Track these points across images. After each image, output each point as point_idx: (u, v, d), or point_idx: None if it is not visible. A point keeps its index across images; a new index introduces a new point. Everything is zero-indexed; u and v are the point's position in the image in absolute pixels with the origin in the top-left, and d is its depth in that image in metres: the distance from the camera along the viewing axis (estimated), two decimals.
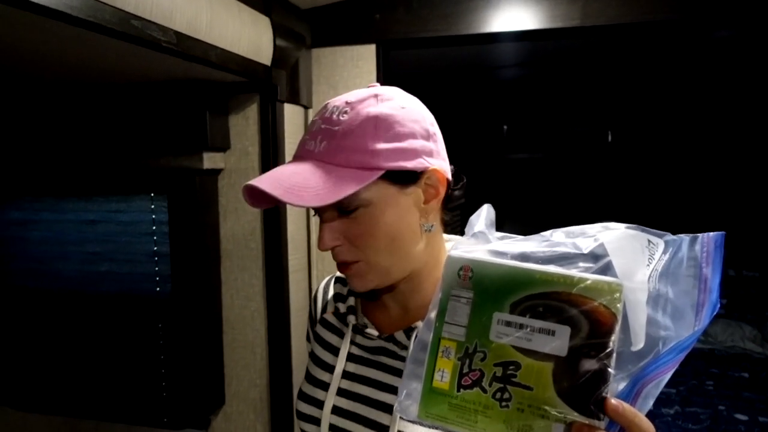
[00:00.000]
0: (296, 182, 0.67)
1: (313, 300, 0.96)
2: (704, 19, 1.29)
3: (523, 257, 0.52)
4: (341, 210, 0.70)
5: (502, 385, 0.48)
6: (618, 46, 2.95)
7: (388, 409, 0.75)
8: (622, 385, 0.46)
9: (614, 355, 0.46)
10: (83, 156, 1.38)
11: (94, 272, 1.41)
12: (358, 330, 0.81)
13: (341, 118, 0.70)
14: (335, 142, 0.69)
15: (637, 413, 0.46)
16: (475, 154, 4.41)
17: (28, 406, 1.49)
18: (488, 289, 0.50)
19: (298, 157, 0.72)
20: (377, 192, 0.69)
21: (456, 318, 0.51)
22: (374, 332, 0.79)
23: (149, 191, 1.34)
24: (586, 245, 0.50)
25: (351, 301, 0.84)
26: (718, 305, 0.48)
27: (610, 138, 4.23)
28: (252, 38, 1.16)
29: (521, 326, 0.48)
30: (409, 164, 0.70)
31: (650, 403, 0.47)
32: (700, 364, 3.53)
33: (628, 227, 0.51)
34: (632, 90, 3.92)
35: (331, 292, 0.91)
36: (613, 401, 0.45)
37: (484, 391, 0.48)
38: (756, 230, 3.84)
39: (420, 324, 0.75)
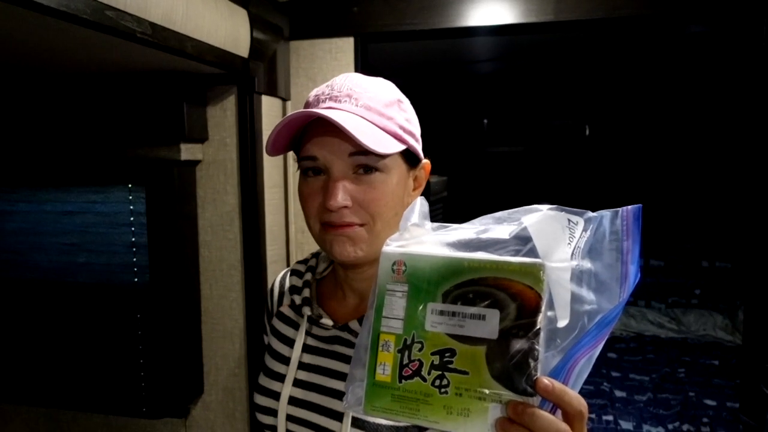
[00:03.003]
0: (360, 126, 0.68)
1: (269, 293, 0.96)
2: (676, 15, 1.33)
3: (455, 246, 0.53)
4: (366, 169, 0.72)
5: (440, 373, 0.49)
6: (595, 41, 2.99)
7: (342, 396, 0.77)
8: (554, 362, 0.48)
9: (541, 333, 0.47)
10: (60, 146, 1.38)
11: (71, 263, 1.41)
12: (314, 321, 0.82)
13: (370, 88, 0.74)
14: (374, 107, 0.72)
15: (567, 390, 0.47)
16: (456, 148, 4.45)
17: (6, 397, 1.48)
18: (421, 280, 0.52)
19: (325, 108, 0.71)
20: (393, 163, 0.74)
21: (393, 312, 0.52)
22: (329, 322, 0.80)
23: (127, 182, 1.34)
24: (511, 230, 0.52)
25: (306, 292, 0.85)
26: (639, 275, 0.50)
27: (587, 132, 4.29)
28: (229, 30, 1.17)
29: (453, 314, 0.50)
30: (419, 149, 0.76)
31: (583, 378, 0.48)
32: (674, 352, 3.63)
33: (549, 208, 0.53)
34: (609, 85, 3.98)
35: (287, 285, 0.92)
36: (544, 379, 0.46)
37: (424, 380, 0.50)
38: (728, 223, 3.93)
39: None
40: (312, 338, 0.83)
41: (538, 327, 0.47)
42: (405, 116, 0.76)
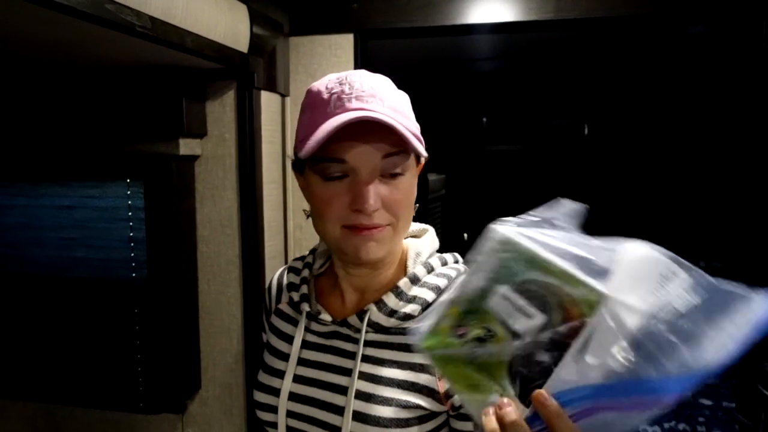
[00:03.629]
0: (403, 130, 0.69)
1: (267, 291, 0.96)
2: (676, 15, 1.33)
3: (555, 250, 0.52)
4: (393, 171, 0.72)
5: (477, 345, 0.53)
6: (594, 41, 2.99)
7: (342, 390, 0.76)
8: (565, 388, 0.47)
9: (567, 357, 0.47)
10: (58, 141, 1.37)
11: (69, 258, 1.41)
12: (312, 317, 0.82)
13: (388, 88, 0.75)
14: (398, 108, 0.73)
15: (562, 415, 0.46)
16: (455, 146, 4.45)
17: (3, 392, 1.48)
18: (508, 265, 0.54)
19: (357, 109, 0.70)
20: (410, 163, 0.75)
21: (477, 281, 0.56)
22: (328, 318, 0.81)
23: (125, 177, 1.34)
24: (607, 256, 0.49)
25: (304, 289, 0.85)
26: (710, 378, 0.44)
27: (586, 131, 4.29)
28: (229, 25, 1.17)
29: (513, 304, 0.52)
30: (424, 149, 0.76)
31: (622, 425, 0.45)
32: None
33: (660, 252, 0.49)
34: (608, 84, 3.98)
35: (284, 282, 0.92)
36: (544, 393, 0.47)
37: (463, 344, 0.54)
38: (725, 222, 3.94)
39: (372, 306, 0.77)
40: (311, 334, 0.83)
41: (565, 349, 0.47)
42: (413, 117, 0.77)
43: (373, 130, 0.68)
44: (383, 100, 0.72)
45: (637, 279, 0.47)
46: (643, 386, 0.45)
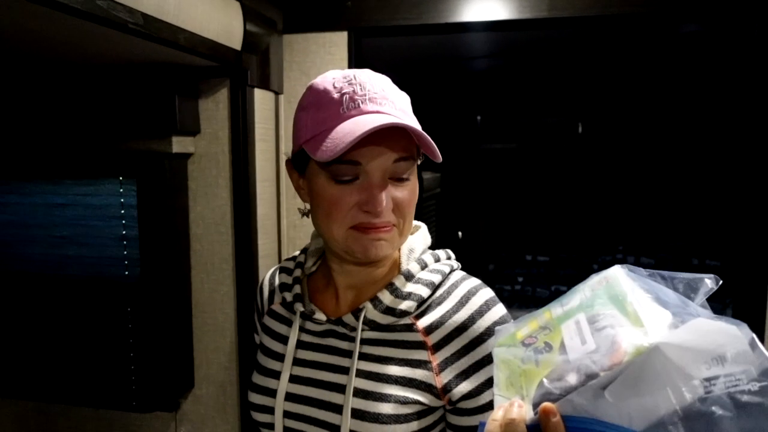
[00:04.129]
0: (424, 136, 0.71)
1: (258, 291, 0.96)
2: (669, 14, 1.33)
3: (644, 297, 0.52)
4: (401, 176, 0.74)
5: (533, 354, 0.55)
6: (589, 39, 3.00)
7: (339, 389, 0.76)
8: (584, 416, 0.47)
9: (589, 388, 0.47)
10: (51, 138, 1.36)
11: (61, 256, 1.40)
12: (306, 317, 0.82)
13: (395, 89, 0.76)
14: (407, 111, 0.75)
15: (562, 430, 0.47)
16: (450, 145, 4.45)
17: None
18: (595, 296, 0.56)
19: (373, 112, 0.71)
20: (415, 167, 0.77)
21: (568, 303, 0.58)
22: (322, 317, 0.80)
23: (118, 175, 1.33)
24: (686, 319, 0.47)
25: (297, 289, 0.85)
26: None
27: (580, 129, 4.30)
28: (222, 22, 1.16)
29: (579, 327, 0.53)
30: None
31: None
32: None
33: (741, 330, 0.45)
34: (602, 83, 3.99)
35: (276, 282, 0.91)
36: (551, 406, 0.48)
37: (526, 351, 0.56)
38: (718, 221, 3.96)
39: (368, 304, 0.77)
40: (306, 334, 0.83)
41: (592, 379, 0.47)
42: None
43: (387, 135, 0.69)
44: (394, 102, 0.73)
45: (692, 344, 0.44)
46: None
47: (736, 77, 3.23)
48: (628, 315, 0.50)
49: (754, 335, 0.45)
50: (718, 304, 3.91)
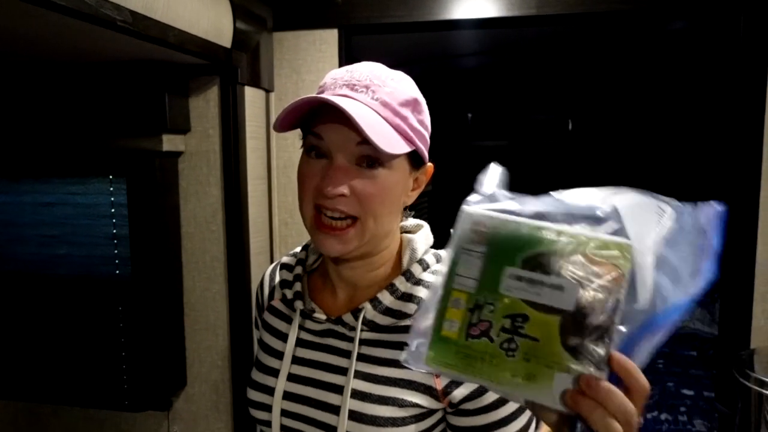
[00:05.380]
0: (373, 122, 0.68)
1: (259, 287, 0.95)
2: (656, 11, 1.35)
3: (537, 216, 0.52)
4: (370, 162, 0.71)
5: (509, 336, 0.49)
6: (578, 37, 3.02)
7: (337, 389, 0.76)
8: (621, 341, 0.48)
9: (620, 312, 0.47)
10: (39, 136, 1.35)
11: (52, 255, 1.39)
12: (306, 315, 0.81)
13: (389, 83, 0.73)
14: (390, 103, 0.72)
15: (637, 369, 0.47)
16: (441, 142, 4.45)
17: None
18: (501, 244, 0.51)
19: (341, 96, 0.70)
20: (398, 161, 0.73)
21: (468, 271, 0.52)
22: (322, 316, 0.80)
23: (108, 173, 1.32)
24: (600, 208, 0.51)
25: (298, 286, 0.84)
26: (714, 274, 0.49)
27: (570, 126, 4.33)
28: (212, 20, 1.16)
29: (532, 281, 0.49)
30: (425, 152, 0.76)
31: (644, 357, 0.49)
32: None
33: (638, 192, 0.52)
34: (592, 80, 4.02)
35: (277, 279, 0.90)
36: (619, 356, 0.47)
37: (492, 340, 0.50)
38: None
39: (367, 304, 0.77)
40: (305, 332, 0.82)
41: (617, 305, 0.47)
42: (419, 117, 0.75)
43: (350, 118, 0.68)
44: (376, 92, 0.71)
45: (642, 223, 0.50)
46: (672, 310, 0.48)
47: (723, 74, 3.26)
48: (566, 241, 0.49)
49: (637, 189, 0.53)
50: (707, 298, 3.96)
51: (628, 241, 0.49)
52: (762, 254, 1.31)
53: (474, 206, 0.55)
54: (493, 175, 0.59)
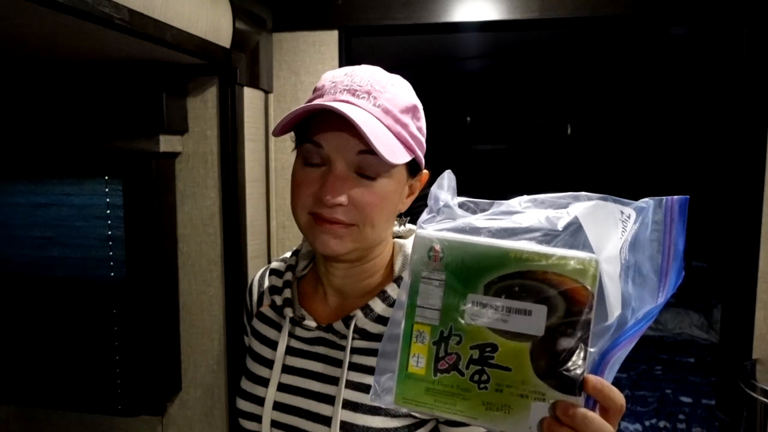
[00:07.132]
0: (377, 132, 0.66)
1: (248, 293, 0.93)
2: (658, 16, 1.34)
3: (496, 233, 0.50)
4: (369, 171, 0.69)
5: (479, 368, 0.47)
6: (578, 41, 3.01)
7: (328, 400, 0.74)
8: (593, 361, 0.46)
9: (591, 332, 0.45)
10: (34, 137, 1.34)
11: (46, 257, 1.37)
12: (296, 322, 0.80)
13: (389, 88, 0.72)
14: (391, 110, 0.70)
15: (612, 388, 0.46)
16: (440, 145, 4.45)
17: None
18: (461, 269, 0.49)
19: (343, 101, 0.68)
20: (396, 169, 0.72)
21: (429, 301, 0.49)
22: (312, 323, 0.78)
23: (103, 174, 1.31)
24: (560, 221, 0.48)
25: (287, 293, 0.82)
26: (683, 273, 0.47)
27: (569, 131, 4.33)
28: (211, 19, 1.15)
29: (497, 307, 0.47)
30: (422, 159, 0.76)
31: (615, 370, 0.47)
32: (650, 350, 3.68)
33: (599, 198, 0.50)
34: (591, 84, 4.02)
35: (266, 284, 0.89)
36: (594, 379, 0.46)
37: (462, 374, 0.48)
38: (705, 222, 4.00)
39: (359, 312, 0.75)
40: (295, 340, 0.81)
41: (588, 325, 0.45)
42: (417, 124, 0.74)
43: (352, 124, 0.67)
44: (377, 98, 0.70)
45: (604, 231, 0.48)
46: (646, 316, 0.46)
47: (724, 80, 3.26)
48: (528, 261, 0.47)
49: (598, 195, 0.51)
50: (704, 305, 3.96)
51: (593, 255, 0.46)
52: (765, 261, 1.30)
53: (429, 228, 0.52)
54: (446, 185, 0.56)
